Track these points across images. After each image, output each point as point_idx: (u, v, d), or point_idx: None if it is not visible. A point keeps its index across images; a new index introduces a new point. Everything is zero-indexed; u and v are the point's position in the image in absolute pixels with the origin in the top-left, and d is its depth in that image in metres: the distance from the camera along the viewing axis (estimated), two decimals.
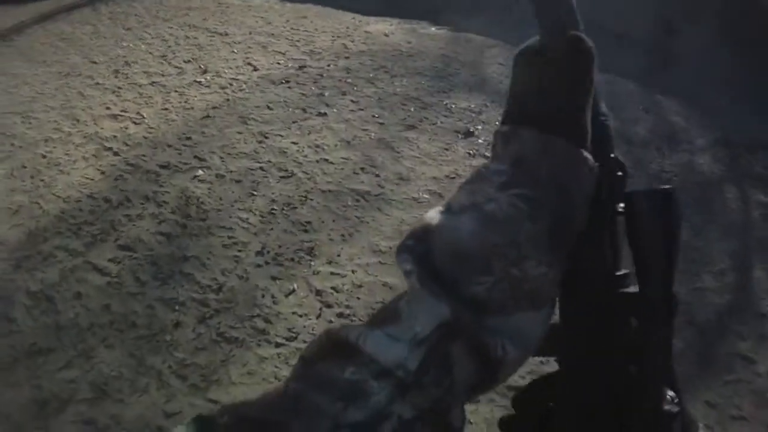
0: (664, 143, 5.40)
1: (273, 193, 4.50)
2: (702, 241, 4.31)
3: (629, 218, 0.53)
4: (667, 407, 0.52)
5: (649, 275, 0.52)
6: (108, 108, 5.48)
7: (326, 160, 4.88)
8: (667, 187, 0.53)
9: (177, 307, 3.52)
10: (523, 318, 0.49)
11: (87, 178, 4.53)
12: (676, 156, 5.26)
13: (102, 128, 5.14)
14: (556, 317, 0.53)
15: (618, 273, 0.53)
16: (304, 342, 3.41)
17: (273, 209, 4.35)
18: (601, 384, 0.53)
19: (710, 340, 3.62)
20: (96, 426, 2.93)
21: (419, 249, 0.50)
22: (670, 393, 0.53)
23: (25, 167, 4.61)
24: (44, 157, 4.75)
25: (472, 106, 5.70)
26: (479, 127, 5.32)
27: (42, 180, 4.50)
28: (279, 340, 3.42)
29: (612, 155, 0.55)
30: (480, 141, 5.15)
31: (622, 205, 0.54)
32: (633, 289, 0.53)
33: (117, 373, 3.17)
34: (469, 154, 5.02)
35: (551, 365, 0.57)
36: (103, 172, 4.60)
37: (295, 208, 4.37)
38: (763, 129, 5.34)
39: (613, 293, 0.52)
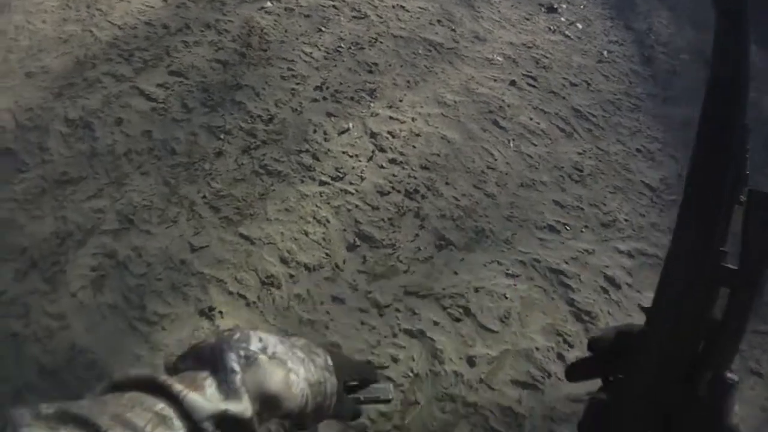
0: None
1: (342, 32, 3.95)
2: None
3: (747, 210, 0.58)
4: (729, 375, 0.57)
5: (751, 258, 0.57)
6: None
7: (402, 6, 4.34)
8: None
9: (222, 136, 3.10)
10: None
11: (147, 6, 4.09)
12: None
13: None
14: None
15: (722, 249, 0.59)
16: (351, 183, 2.97)
17: (339, 47, 3.81)
18: (678, 341, 0.58)
19: None
20: (116, 259, 2.60)
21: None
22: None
23: None
24: None
25: None
26: (563, 6, 4.79)
27: (98, 9, 4.09)
28: (324, 179, 2.97)
29: (747, 172, 0.60)
30: (562, 19, 4.66)
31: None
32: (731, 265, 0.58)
33: (148, 202, 2.80)
34: (549, 28, 4.53)
35: None
36: (165, 0, 4.14)
37: (363, 48, 3.85)
38: None
39: (716, 264, 0.58)
